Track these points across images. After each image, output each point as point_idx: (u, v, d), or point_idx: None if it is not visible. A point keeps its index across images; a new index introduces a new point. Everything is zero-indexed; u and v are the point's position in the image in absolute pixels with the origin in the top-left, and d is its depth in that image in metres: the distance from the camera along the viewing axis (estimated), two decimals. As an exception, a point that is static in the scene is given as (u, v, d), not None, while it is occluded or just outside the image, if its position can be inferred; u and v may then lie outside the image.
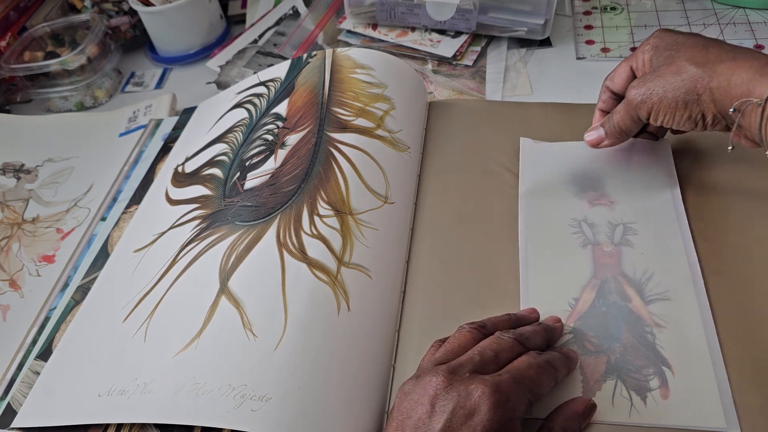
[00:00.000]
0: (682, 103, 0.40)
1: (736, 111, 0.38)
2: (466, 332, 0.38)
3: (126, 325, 0.44)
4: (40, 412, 0.42)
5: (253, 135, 0.55)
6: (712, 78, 0.39)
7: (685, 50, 0.41)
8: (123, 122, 0.67)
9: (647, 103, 0.42)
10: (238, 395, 0.36)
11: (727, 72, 0.38)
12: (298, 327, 0.40)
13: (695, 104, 0.40)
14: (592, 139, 0.48)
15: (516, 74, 0.65)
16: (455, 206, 0.50)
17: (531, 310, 0.42)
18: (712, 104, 0.40)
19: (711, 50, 0.40)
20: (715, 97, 0.39)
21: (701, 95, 0.40)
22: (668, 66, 0.41)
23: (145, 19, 0.74)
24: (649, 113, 0.43)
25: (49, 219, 0.58)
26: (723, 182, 0.48)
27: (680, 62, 0.41)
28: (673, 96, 0.41)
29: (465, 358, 0.35)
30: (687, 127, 0.42)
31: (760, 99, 0.37)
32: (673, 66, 0.41)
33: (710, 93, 0.39)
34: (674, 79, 0.41)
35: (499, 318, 0.40)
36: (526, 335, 0.37)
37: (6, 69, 0.70)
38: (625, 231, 0.46)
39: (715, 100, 0.39)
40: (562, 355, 0.38)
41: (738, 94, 0.38)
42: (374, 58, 0.59)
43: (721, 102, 0.39)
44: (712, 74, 0.39)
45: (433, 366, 0.35)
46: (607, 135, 0.47)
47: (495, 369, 0.35)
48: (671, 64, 0.41)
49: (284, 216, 0.46)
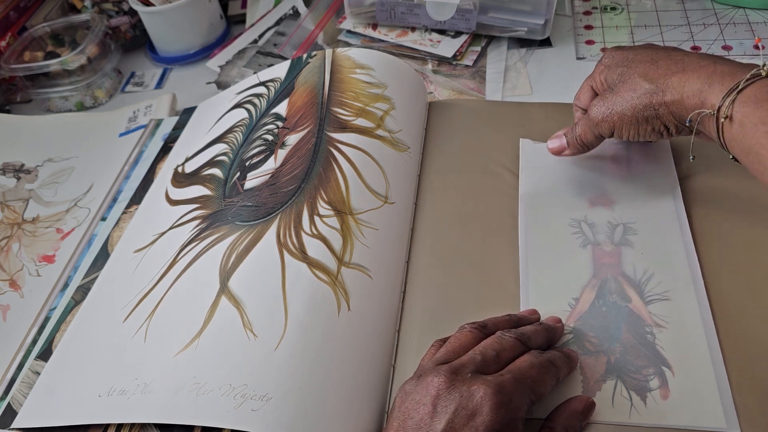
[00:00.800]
0: (642, 119, 0.41)
1: (692, 122, 0.39)
2: (468, 332, 0.38)
3: (126, 325, 0.44)
4: (41, 412, 0.42)
5: (253, 135, 0.55)
6: (665, 93, 0.39)
7: (636, 66, 0.42)
8: (123, 122, 0.67)
9: (608, 122, 0.43)
10: (238, 395, 0.36)
11: (678, 85, 0.39)
12: (299, 327, 0.40)
13: (655, 119, 0.41)
14: (554, 147, 0.49)
15: (516, 74, 0.65)
16: (455, 206, 0.50)
17: (532, 311, 0.42)
18: (671, 116, 0.40)
19: (660, 64, 0.41)
20: (672, 111, 0.40)
21: (658, 110, 0.40)
22: (623, 83, 0.42)
23: (145, 19, 0.74)
24: (611, 130, 0.43)
25: (49, 219, 0.58)
26: (723, 182, 0.48)
27: (634, 79, 0.41)
28: (632, 114, 0.41)
29: (466, 358, 0.35)
30: (653, 138, 0.43)
31: (712, 110, 0.37)
32: (627, 83, 0.42)
33: (666, 107, 0.40)
34: (631, 96, 0.41)
35: (500, 318, 0.40)
36: (527, 335, 0.38)
37: (6, 69, 0.70)
38: (625, 231, 0.46)
39: (672, 113, 0.40)
40: (563, 354, 0.38)
41: (692, 106, 0.38)
42: (374, 58, 0.59)
43: (678, 114, 0.40)
44: (665, 89, 0.39)
45: (434, 366, 0.35)
46: (569, 145, 0.48)
47: (497, 369, 0.35)
48: (625, 81, 0.42)
49: (284, 216, 0.46)
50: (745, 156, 0.36)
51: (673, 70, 0.40)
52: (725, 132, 0.37)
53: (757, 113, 0.35)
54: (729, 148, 0.38)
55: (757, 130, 0.35)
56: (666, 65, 0.40)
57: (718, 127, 0.37)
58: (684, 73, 0.39)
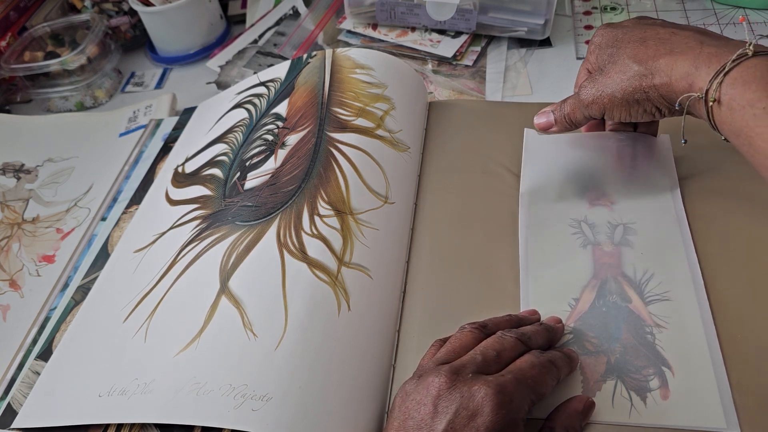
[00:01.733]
0: (633, 101, 0.41)
1: (681, 106, 0.39)
2: (468, 332, 0.38)
3: (126, 325, 0.44)
4: (41, 412, 0.42)
5: (253, 135, 0.55)
6: (654, 75, 0.39)
7: (625, 47, 0.41)
8: (123, 122, 0.67)
9: (598, 103, 0.42)
10: (238, 395, 0.36)
11: (666, 68, 0.39)
12: (299, 327, 0.40)
13: (646, 101, 0.40)
14: (540, 122, 0.47)
15: (516, 74, 0.65)
16: (455, 206, 0.50)
17: (532, 311, 0.42)
18: (662, 99, 0.40)
19: (649, 44, 0.40)
20: (661, 93, 0.39)
21: (648, 92, 0.40)
22: (613, 65, 0.41)
23: (145, 19, 0.74)
24: (602, 112, 0.43)
25: (49, 219, 0.58)
26: (723, 182, 0.48)
27: (623, 60, 0.41)
28: (623, 96, 0.41)
29: (467, 358, 0.35)
30: (646, 118, 0.42)
31: (701, 93, 0.37)
32: (617, 65, 0.41)
33: (656, 90, 0.39)
34: (620, 78, 0.41)
35: (500, 318, 0.40)
36: (528, 335, 0.38)
37: (6, 69, 0.70)
38: (625, 231, 0.46)
39: (662, 95, 0.39)
40: (563, 354, 0.38)
41: (680, 89, 0.38)
42: (374, 59, 0.59)
43: (669, 97, 0.39)
44: (654, 71, 0.39)
45: (435, 366, 0.35)
46: (556, 122, 0.47)
47: (497, 369, 0.35)
48: (615, 63, 0.41)
49: (284, 216, 0.46)
50: (736, 138, 0.36)
51: (661, 51, 0.39)
52: (715, 115, 0.37)
53: (745, 96, 0.35)
54: (720, 130, 0.38)
55: (745, 113, 0.35)
56: (655, 46, 0.40)
57: (708, 110, 0.37)
58: (672, 55, 0.39)
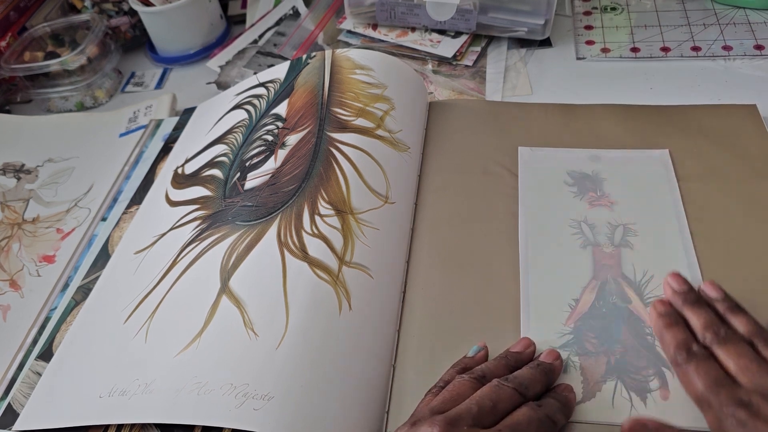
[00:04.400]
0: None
1: None
2: (465, 381, 0.36)
3: (127, 326, 0.44)
4: (42, 414, 0.42)
5: (252, 135, 0.55)
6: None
7: None
8: (123, 122, 0.67)
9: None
10: (240, 394, 0.36)
11: None
12: (300, 326, 0.40)
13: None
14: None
15: (516, 74, 0.65)
16: (455, 206, 0.50)
17: (527, 343, 0.40)
18: None
19: None
20: None
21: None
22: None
23: (145, 19, 0.74)
24: None
25: (50, 219, 0.58)
26: (722, 183, 0.48)
27: None
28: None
29: (463, 408, 0.34)
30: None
31: None
32: None
33: None
34: None
35: (496, 363, 0.38)
36: (525, 384, 0.36)
37: (6, 69, 0.70)
38: (625, 232, 0.46)
39: None
40: (560, 404, 0.36)
41: None
42: (374, 59, 0.59)
43: None
44: None
45: (430, 415, 0.34)
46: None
47: (493, 420, 0.34)
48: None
49: (285, 215, 0.46)
50: None
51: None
52: None
53: None
54: None
55: None
56: None
57: None
58: None
